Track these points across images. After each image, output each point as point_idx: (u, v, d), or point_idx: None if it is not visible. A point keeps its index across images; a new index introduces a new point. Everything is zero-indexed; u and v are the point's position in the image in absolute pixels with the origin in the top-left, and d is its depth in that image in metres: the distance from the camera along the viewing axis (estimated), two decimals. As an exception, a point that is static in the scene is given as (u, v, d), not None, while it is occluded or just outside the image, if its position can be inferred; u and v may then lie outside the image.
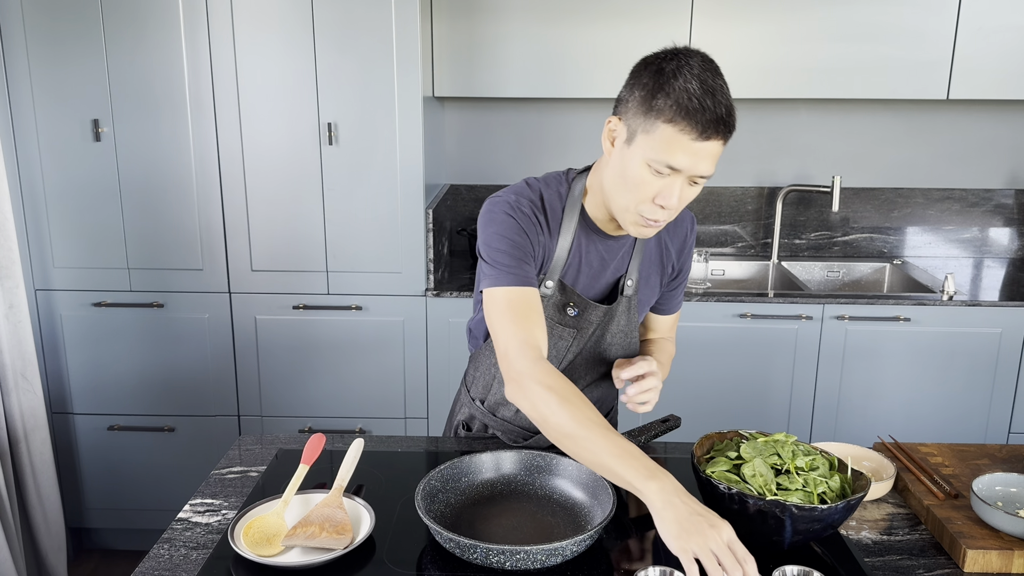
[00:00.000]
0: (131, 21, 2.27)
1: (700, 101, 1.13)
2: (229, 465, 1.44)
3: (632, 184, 1.21)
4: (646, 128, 1.17)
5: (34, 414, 2.38)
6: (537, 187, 1.35)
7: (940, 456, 1.43)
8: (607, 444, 1.12)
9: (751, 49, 2.53)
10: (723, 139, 1.17)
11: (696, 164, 1.17)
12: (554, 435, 1.17)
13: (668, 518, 1.04)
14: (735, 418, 2.52)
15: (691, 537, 1.01)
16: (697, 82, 1.14)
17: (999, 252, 2.99)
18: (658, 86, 1.16)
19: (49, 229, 2.43)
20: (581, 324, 1.40)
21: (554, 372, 1.20)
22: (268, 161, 2.37)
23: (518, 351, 1.22)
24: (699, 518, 1.03)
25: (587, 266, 1.37)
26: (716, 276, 2.91)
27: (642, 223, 1.25)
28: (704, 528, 1.02)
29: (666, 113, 1.14)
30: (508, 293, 1.26)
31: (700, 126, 1.13)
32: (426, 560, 1.14)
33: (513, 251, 1.28)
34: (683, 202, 1.23)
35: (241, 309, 2.48)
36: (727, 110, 1.15)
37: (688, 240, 1.48)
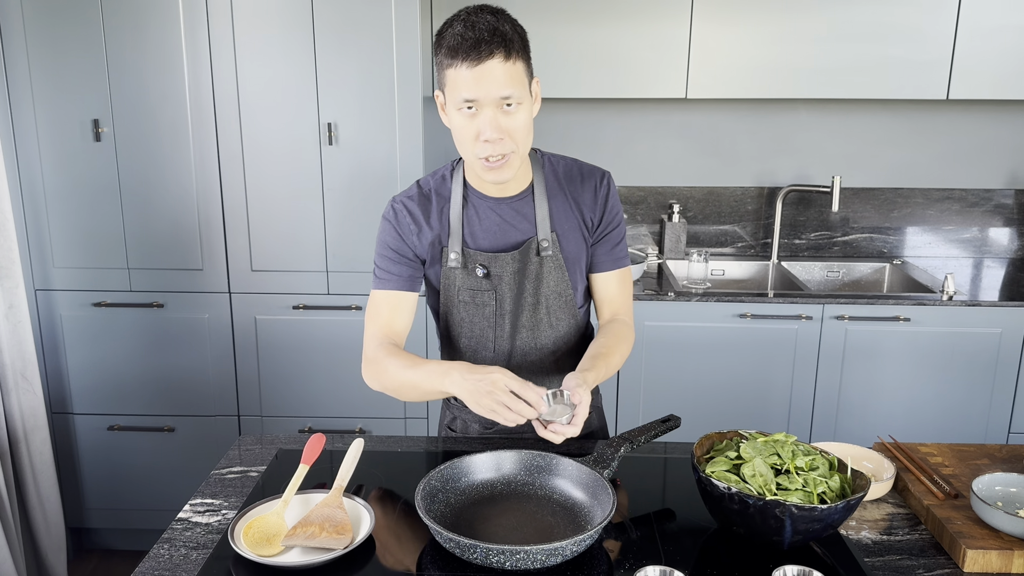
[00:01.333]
0: (131, 21, 2.27)
1: (461, 35, 1.26)
2: (229, 465, 1.44)
3: (459, 136, 1.34)
4: (442, 82, 1.33)
5: (34, 414, 2.38)
6: (424, 182, 1.49)
7: (940, 456, 1.43)
8: (419, 372, 1.33)
9: (751, 49, 2.53)
10: (501, 55, 1.27)
11: (487, 89, 1.27)
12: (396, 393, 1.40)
13: (463, 395, 1.25)
14: (735, 418, 2.52)
15: (482, 399, 1.23)
16: (460, 24, 1.28)
17: (999, 252, 2.99)
18: (438, 44, 1.31)
19: (49, 229, 2.43)
20: (495, 282, 1.45)
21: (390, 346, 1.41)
22: (268, 161, 2.37)
23: (369, 342, 1.44)
24: (480, 383, 1.23)
25: (484, 231, 1.45)
26: (716, 276, 2.91)
27: (486, 166, 1.34)
28: (487, 387, 1.22)
29: (445, 61, 1.29)
30: (376, 296, 1.47)
31: (464, 53, 1.26)
32: (426, 560, 1.15)
33: (386, 254, 1.46)
34: (509, 131, 1.31)
35: (241, 309, 2.48)
36: (490, 31, 1.26)
37: (600, 192, 1.49)
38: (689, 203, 2.97)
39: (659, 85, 2.58)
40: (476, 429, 1.59)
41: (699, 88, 2.58)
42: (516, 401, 1.22)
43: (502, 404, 1.22)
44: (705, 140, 2.92)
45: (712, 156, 2.94)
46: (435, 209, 1.45)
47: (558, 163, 1.50)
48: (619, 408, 2.55)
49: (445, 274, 1.47)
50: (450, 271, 1.46)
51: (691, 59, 2.55)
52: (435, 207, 1.46)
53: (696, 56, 2.55)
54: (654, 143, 2.92)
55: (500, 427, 1.57)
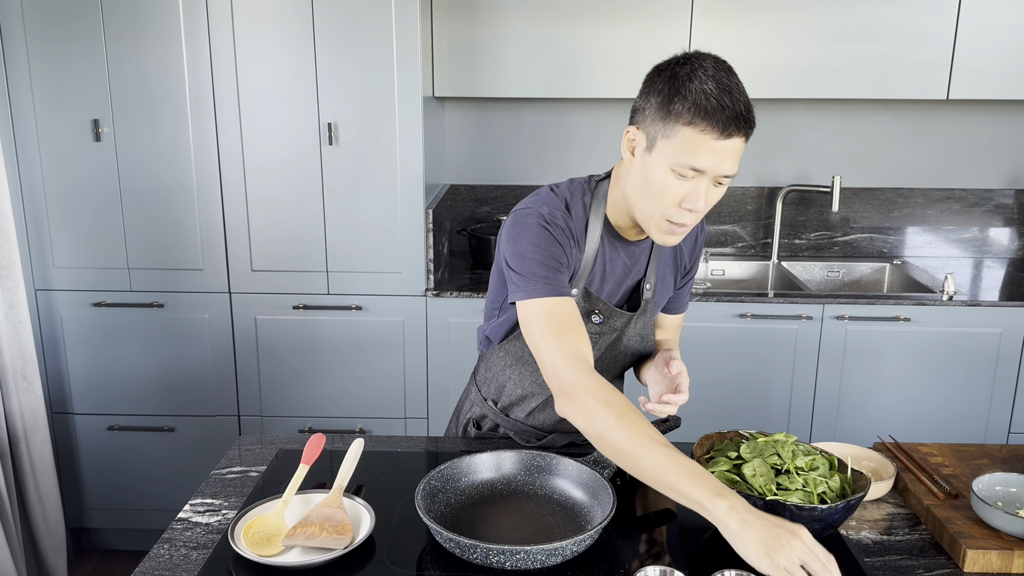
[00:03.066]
0: (131, 21, 2.27)
1: (718, 100, 1.14)
2: (229, 465, 1.44)
3: (657, 191, 1.21)
4: (666, 133, 1.18)
5: (34, 414, 2.38)
6: (563, 196, 1.34)
7: (940, 456, 1.43)
8: (670, 462, 1.08)
9: (751, 49, 2.53)
10: (744, 136, 1.18)
11: (720, 164, 1.17)
12: (611, 451, 1.14)
13: (749, 538, 1.01)
14: (735, 418, 2.52)
15: (778, 553, 0.99)
16: (713, 82, 1.15)
17: (999, 252, 2.99)
18: (674, 90, 1.17)
19: (49, 229, 2.43)
20: (604, 330, 1.41)
21: (608, 386, 1.18)
22: (268, 161, 2.37)
23: (567, 364, 1.20)
24: (778, 530, 1.01)
25: (611, 274, 1.38)
26: (716, 276, 2.91)
27: (668, 230, 1.25)
28: (786, 540, 1.00)
29: (685, 116, 1.15)
30: (548, 305, 1.25)
31: (720, 124, 1.14)
32: (426, 560, 1.15)
33: (549, 261, 1.27)
34: (709, 204, 1.22)
35: (241, 309, 2.48)
36: (745, 106, 1.17)
37: (699, 239, 1.50)
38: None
39: (659, 85, 2.57)
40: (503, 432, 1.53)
41: (699, 88, 2.57)
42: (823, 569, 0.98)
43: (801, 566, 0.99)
44: (705, 140, 2.92)
45: (712, 156, 2.93)
46: (576, 238, 1.33)
47: None
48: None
49: None
50: None
51: (691, 59, 2.54)
52: (576, 236, 1.33)
53: (696, 56, 2.54)
54: (654, 143, 2.92)
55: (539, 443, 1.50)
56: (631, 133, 1.24)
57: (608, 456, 1.15)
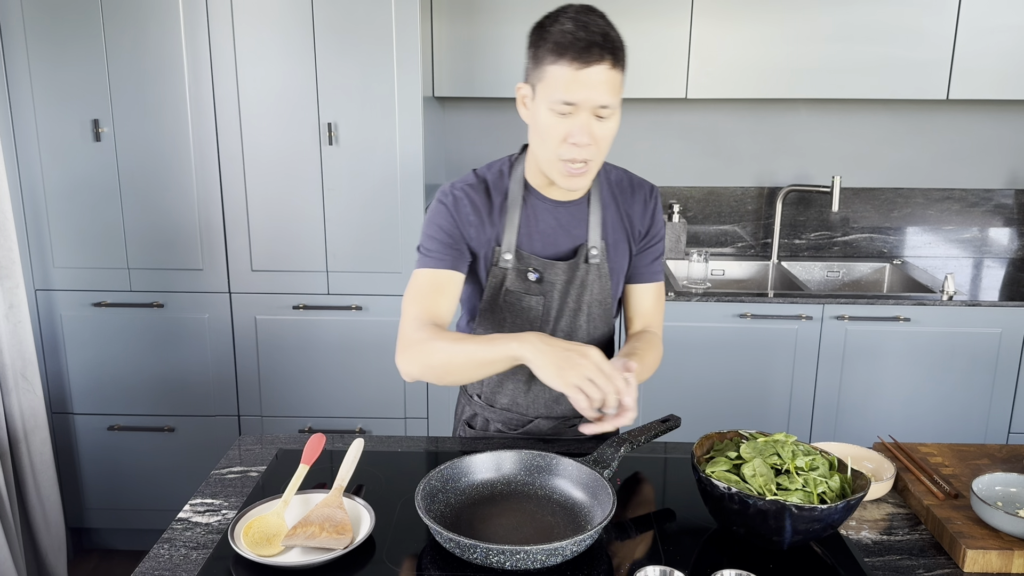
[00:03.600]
0: (131, 21, 2.27)
1: (573, 34, 1.23)
2: (229, 465, 1.44)
3: (544, 133, 1.30)
4: (539, 77, 1.28)
5: (34, 414, 2.38)
6: (482, 173, 1.45)
7: (940, 456, 1.43)
8: (474, 344, 1.24)
9: (751, 49, 2.53)
10: (607, 62, 1.24)
11: (590, 94, 1.24)
12: (443, 371, 1.29)
13: (543, 363, 1.16)
14: (735, 418, 2.52)
15: (566, 372, 1.14)
16: (571, 22, 1.24)
17: (999, 252, 2.99)
18: (540, 37, 1.27)
19: (49, 229, 2.43)
20: (545, 288, 1.44)
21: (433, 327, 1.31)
22: (268, 161, 2.37)
23: (413, 324, 1.33)
24: (568, 353, 1.15)
25: (539, 233, 1.43)
26: (716, 276, 2.91)
27: (566, 171, 1.32)
28: (576, 360, 1.14)
29: (549, 56, 1.25)
30: (423, 275, 1.39)
31: (577, 54, 1.22)
32: (426, 560, 1.15)
33: (439, 236, 1.39)
34: (597, 139, 1.29)
35: (241, 309, 2.48)
36: (603, 36, 1.23)
37: (649, 205, 1.50)
38: (689, 203, 2.97)
39: (659, 85, 2.58)
40: (497, 428, 1.57)
41: (699, 88, 2.58)
42: (608, 381, 1.14)
43: (589, 380, 1.13)
44: (705, 140, 2.92)
45: (712, 156, 2.94)
46: (495, 205, 1.41)
47: (611, 172, 1.50)
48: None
49: (494, 273, 1.43)
50: (500, 271, 1.43)
51: (691, 59, 2.55)
52: (495, 203, 1.42)
53: (696, 56, 2.55)
54: (654, 143, 2.92)
55: (524, 428, 1.54)
56: (521, 89, 1.34)
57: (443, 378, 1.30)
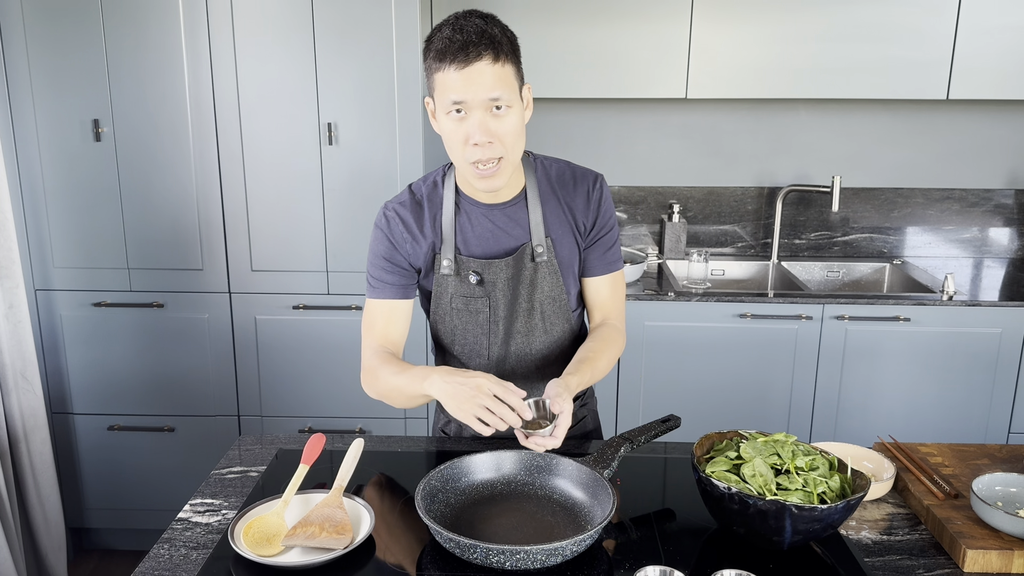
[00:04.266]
0: (131, 21, 2.27)
1: (449, 38, 1.26)
2: (229, 465, 1.44)
3: (448, 139, 1.33)
4: (432, 87, 1.32)
5: (34, 414, 2.38)
6: (416, 187, 1.48)
7: (940, 456, 1.43)
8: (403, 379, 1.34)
9: (751, 49, 2.53)
10: (489, 58, 1.26)
11: (475, 90, 1.26)
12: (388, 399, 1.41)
13: (444, 398, 1.24)
14: (735, 418, 2.52)
15: (464, 403, 1.21)
16: (449, 28, 1.28)
17: (999, 252, 2.99)
18: (427, 49, 1.31)
19: (49, 229, 2.43)
20: (488, 289, 1.44)
21: (384, 353, 1.43)
22: (268, 161, 2.37)
23: (365, 352, 1.46)
24: (463, 387, 1.22)
25: (476, 237, 1.44)
26: (716, 276, 2.91)
27: (477, 173, 1.33)
28: (469, 392, 1.21)
29: (434, 64, 1.29)
30: (372, 306, 1.48)
31: (452, 55, 1.26)
32: (426, 560, 1.15)
33: (381, 264, 1.46)
34: (499, 135, 1.30)
35: (241, 309, 2.48)
36: (478, 34, 1.26)
37: (593, 196, 1.47)
38: (689, 203, 2.97)
39: (659, 85, 2.58)
40: (471, 433, 1.58)
41: (699, 88, 2.58)
42: (500, 406, 1.20)
43: (484, 408, 1.20)
44: (705, 140, 2.92)
45: (712, 156, 2.94)
46: (427, 216, 1.44)
47: (551, 166, 1.49)
48: (619, 408, 2.55)
49: (438, 281, 1.45)
50: (443, 278, 1.45)
51: (691, 59, 2.55)
52: (427, 214, 1.44)
53: (696, 56, 2.55)
54: (654, 143, 2.92)
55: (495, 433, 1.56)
56: (429, 104, 1.37)
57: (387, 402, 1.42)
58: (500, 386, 1.22)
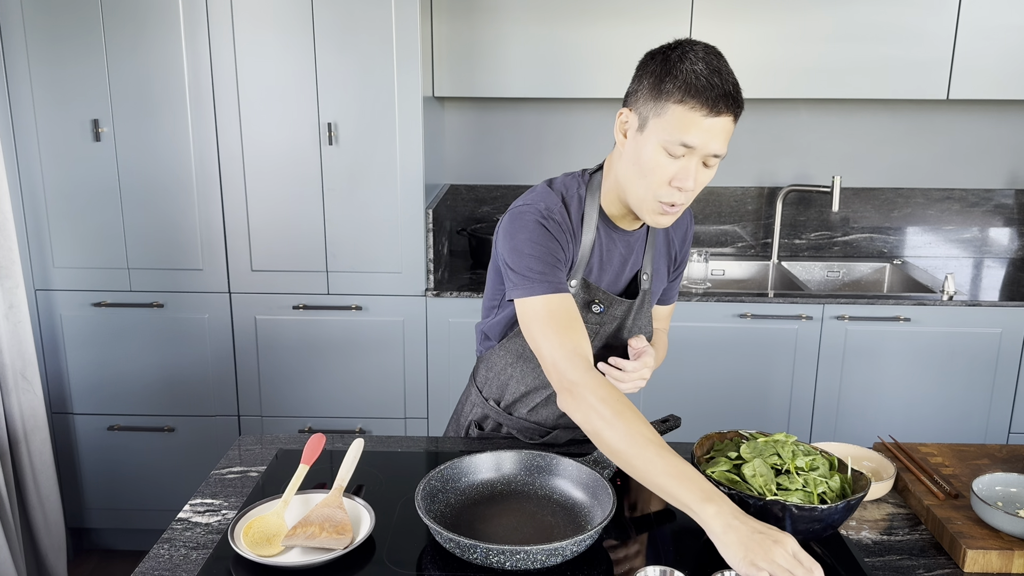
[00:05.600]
0: (131, 21, 2.27)
1: (707, 79, 1.18)
2: (229, 465, 1.44)
3: (648, 169, 1.24)
4: (657, 112, 1.21)
5: (34, 414, 2.38)
6: (559, 190, 1.36)
7: (940, 456, 1.43)
8: (662, 464, 1.09)
9: (751, 49, 2.53)
10: (732, 115, 1.22)
11: (709, 141, 1.21)
12: (606, 449, 1.16)
13: (731, 541, 1.02)
14: (735, 418, 2.52)
15: (759, 559, 0.99)
16: (703, 63, 1.20)
17: (999, 252, 2.99)
18: (666, 71, 1.21)
19: (49, 229, 2.43)
20: (604, 320, 1.41)
21: (607, 384, 1.20)
22: (268, 161, 2.37)
23: (568, 362, 1.21)
24: (761, 536, 1.01)
25: (609, 263, 1.40)
26: (716, 276, 2.91)
27: (660, 210, 1.27)
28: (769, 545, 1.00)
29: (676, 94, 1.19)
30: (547, 302, 1.26)
31: (710, 102, 1.18)
32: (426, 560, 1.14)
33: (546, 258, 1.28)
34: (699, 184, 1.26)
35: (241, 309, 2.48)
36: (734, 87, 1.21)
37: (688, 231, 1.53)
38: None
39: (659, 85, 2.58)
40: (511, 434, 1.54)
41: (699, 88, 2.57)
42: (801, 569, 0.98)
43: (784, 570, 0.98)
44: (705, 140, 2.92)
45: (712, 156, 2.93)
46: (575, 231, 1.35)
47: None
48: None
49: None
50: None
51: (691, 59, 2.54)
52: (574, 228, 1.35)
53: (696, 56, 2.54)
54: (654, 143, 2.92)
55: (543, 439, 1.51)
56: (624, 115, 1.28)
57: (604, 453, 1.16)
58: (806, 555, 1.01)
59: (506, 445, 1.51)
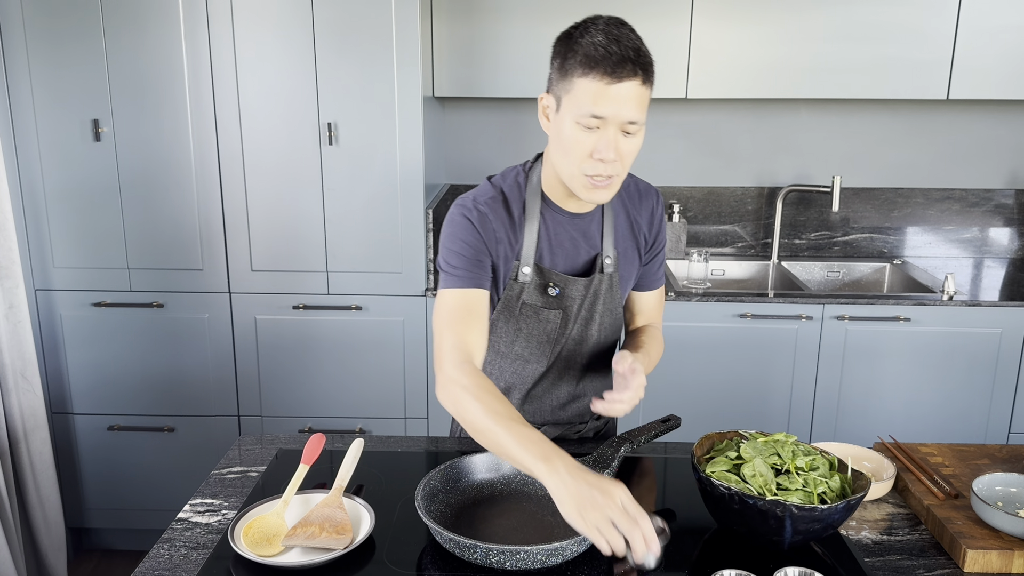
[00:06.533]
0: (131, 21, 2.27)
1: (606, 48, 1.21)
2: (229, 465, 1.44)
3: (569, 147, 1.26)
4: (566, 89, 1.25)
5: (34, 414, 2.38)
6: (498, 183, 1.41)
7: (940, 456, 1.43)
8: (512, 435, 1.14)
9: (751, 49, 2.53)
10: (638, 79, 1.23)
11: (619, 109, 1.22)
12: (470, 430, 1.21)
13: (564, 497, 1.05)
14: (735, 418, 2.52)
15: (588, 512, 1.02)
16: (602, 35, 1.23)
17: (999, 252, 2.99)
18: (568, 48, 1.25)
19: (49, 229, 2.43)
20: (565, 303, 1.42)
21: (476, 373, 1.25)
22: (268, 161, 2.37)
23: (449, 355, 1.28)
24: (591, 489, 1.04)
25: (559, 246, 1.41)
26: (716, 276, 2.91)
27: (590, 184, 1.28)
28: (598, 499, 1.03)
29: (578, 69, 1.22)
30: (453, 296, 1.33)
31: (610, 69, 1.20)
32: (426, 560, 1.15)
33: (465, 252, 1.34)
34: (623, 155, 1.26)
35: (241, 309, 2.48)
36: (635, 51, 1.22)
37: (656, 212, 1.50)
38: (689, 203, 2.97)
39: (659, 85, 2.57)
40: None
41: (699, 88, 2.58)
42: (633, 525, 1.01)
43: (610, 522, 1.01)
44: (705, 140, 2.92)
45: (712, 156, 2.94)
46: (515, 218, 1.38)
47: None
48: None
49: (511, 287, 1.40)
50: (518, 285, 1.40)
51: (691, 59, 2.55)
52: (514, 216, 1.38)
53: (696, 56, 2.54)
54: (654, 143, 2.92)
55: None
56: (544, 99, 1.31)
57: (470, 434, 1.21)
58: (634, 503, 1.04)
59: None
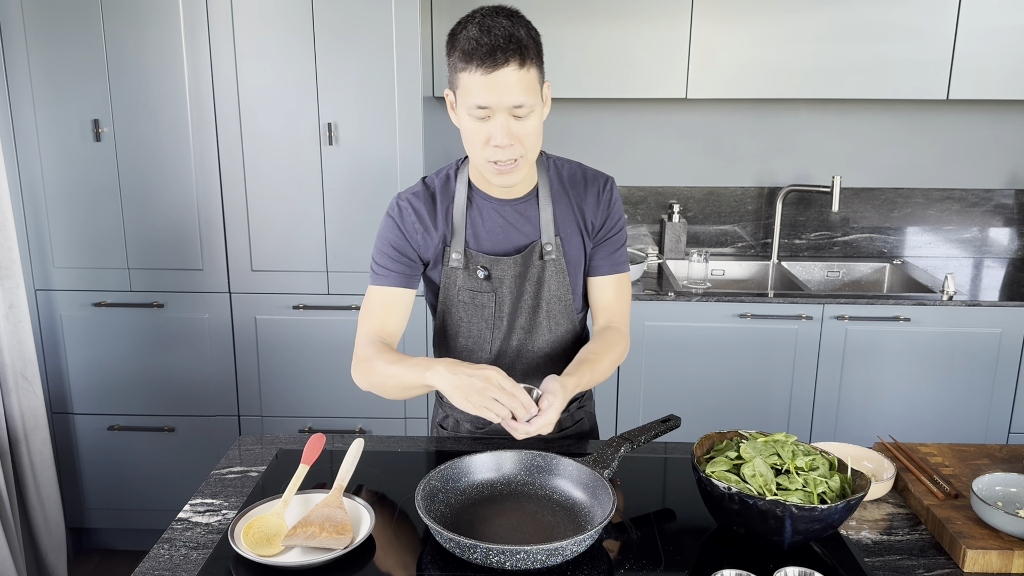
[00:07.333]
0: (131, 21, 2.27)
1: (477, 40, 1.25)
2: (229, 465, 1.44)
3: (468, 137, 1.34)
4: (456, 84, 1.31)
5: (34, 414, 2.38)
6: (429, 180, 1.49)
7: (940, 456, 1.43)
8: (402, 366, 1.32)
9: (751, 49, 2.53)
10: (513, 63, 1.26)
11: (501, 95, 1.27)
12: (379, 389, 1.38)
13: (450, 390, 1.23)
14: (735, 418, 2.52)
15: (472, 396, 1.20)
16: (476, 28, 1.26)
17: (999, 252, 2.99)
18: (451, 45, 1.30)
19: (49, 229, 2.43)
20: (495, 285, 1.45)
21: (377, 344, 1.40)
22: (268, 161, 2.37)
23: (360, 340, 1.43)
24: (469, 377, 1.21)
25: (487, 232, 1.45)
26: (716, 276, 2.91)
27: (496, 170, 1.34)
28: (477, 384, 1.20)
29: (459, 63, 1.28)
30: (374, 293, 1.47)
31: (482, 60, 1.25)
32: (426, 560, 1.15)
33: (388, 252, 1.46)
34: (520, 137, 1.31)
35: (241, 309, 2.48)
36: (505, 38, 1.25)
37: (603, 197, 1.49)
38: (689, 203, 2.97)
39: (659, 85, 2.58)
40: (467, 428, 1.59)
41: (699, 88, 2.58)
42: (510, 398, 1.20)
43: (493, 400, 1.20)
44: (705, 140, 2.92)
45: (712, 156, 2.94)
46: (440, 208, 1.45)
47: (563, 166, 1.51)
48: (619, 408, 2.55)
49: (446, 274, 1.46)
50: (451, 271, 1.46)
51: (691, 59, 2.55)
52: (440, 206, 1.45)
53: (696, 56, 2.55)
54: (654, 143, 2.92)
55: (491, 427, 1.57)
56: (447, 95, 1.37)
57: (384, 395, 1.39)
58: (508, 380, 1.22)
59: (506, 445, 1.51)
